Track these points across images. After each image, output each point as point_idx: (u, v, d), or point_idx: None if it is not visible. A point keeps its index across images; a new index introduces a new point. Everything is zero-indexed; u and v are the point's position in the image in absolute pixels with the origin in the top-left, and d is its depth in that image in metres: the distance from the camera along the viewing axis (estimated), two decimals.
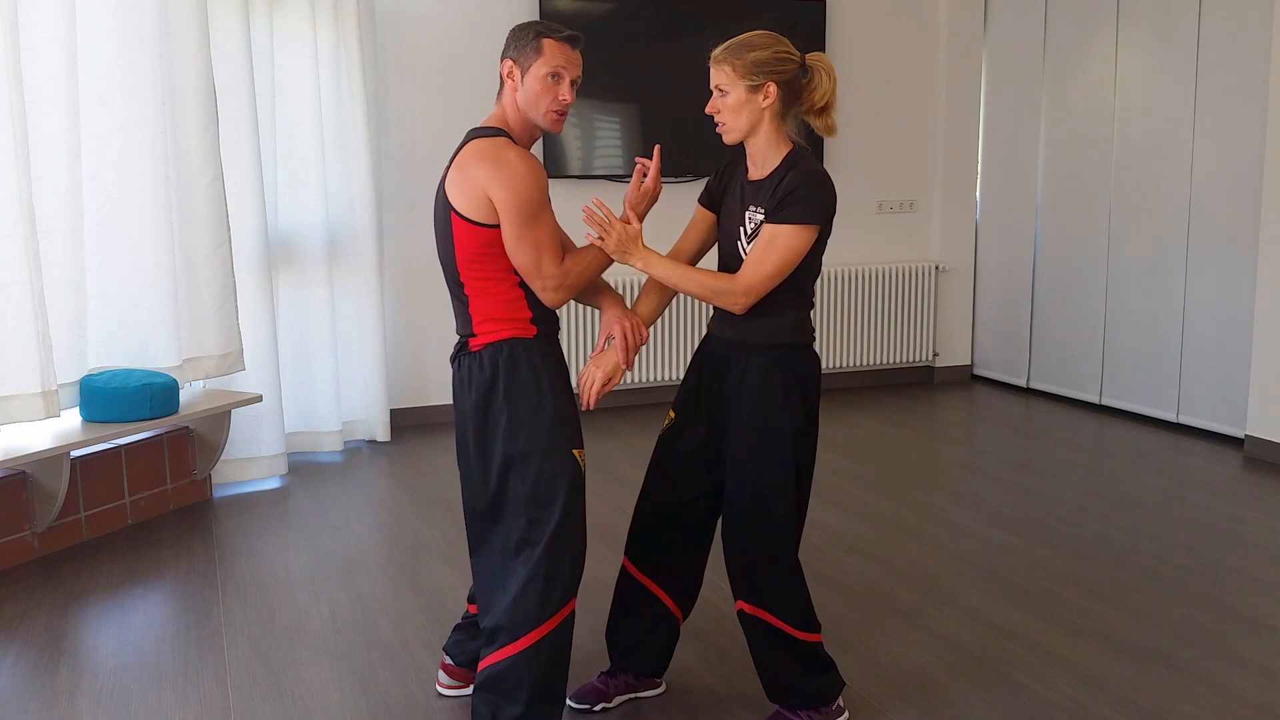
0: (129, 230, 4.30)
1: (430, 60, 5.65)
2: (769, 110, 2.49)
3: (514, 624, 2.43)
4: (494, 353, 2.46)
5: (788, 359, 2.52)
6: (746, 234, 2.51)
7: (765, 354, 2.52)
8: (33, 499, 3.91)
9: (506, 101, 2.54)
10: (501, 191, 2.37)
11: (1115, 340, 6.01)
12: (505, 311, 2.47)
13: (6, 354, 3.76)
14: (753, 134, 2.52)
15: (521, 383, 2.45)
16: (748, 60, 2.48)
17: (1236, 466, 5.01)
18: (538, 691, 2.43)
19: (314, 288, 5.21)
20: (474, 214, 2.40)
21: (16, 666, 3.08)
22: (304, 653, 3.15)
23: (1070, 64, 6.20)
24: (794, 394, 2.51)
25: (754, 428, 2.52)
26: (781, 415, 2.51)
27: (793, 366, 2.52)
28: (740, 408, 2.54)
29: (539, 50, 2.51)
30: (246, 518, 4.40)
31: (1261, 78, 5.08)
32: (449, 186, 2.45)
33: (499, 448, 2.45)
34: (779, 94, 2.48)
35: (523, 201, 2.38)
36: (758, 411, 2.52)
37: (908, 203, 6.81)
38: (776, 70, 2.47)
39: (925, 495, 4.60)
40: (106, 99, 4.21)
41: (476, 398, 2.48)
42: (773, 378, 2.51)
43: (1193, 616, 3.35)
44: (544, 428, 2.45)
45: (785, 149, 2.52)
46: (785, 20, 6.29)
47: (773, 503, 2.53)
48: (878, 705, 2.82)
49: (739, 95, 2.48)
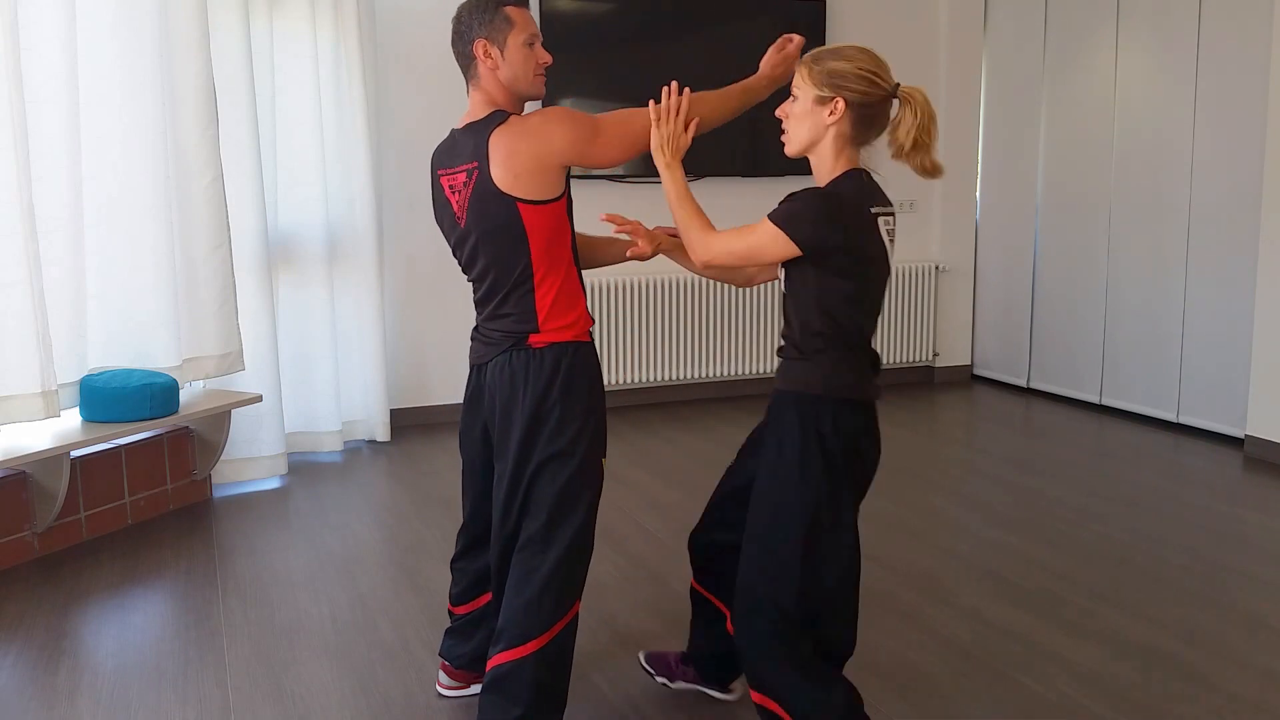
0: (129, 230, 4.31)
1: (430, 60, 5.65)
2: (835, 128, 2.29)
3: (526, 626, 2.42)
4: (559, 353, 2.46)
5: (811, 414, 2.26)
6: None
7: (792, 406, 2.29)
8: (33, 499, 3.91)
9: (488, 83, 2.48)
10: (561, 135, 2.40)
11: (1115, 340, 6.01)
12: (569, 310, 2.49)
13: (7, 354, 3.76)
14: (812, 150, 2.33)
15: (578, 385, 2.46)
16: (826, 68, 2.27)
17: (1236, 466, 5.01)
18: (541, 695, 2.42)
19: (314, 288, 5.21)
20: (540, 194, 2.40)
21: (16, 666, 3.08)
22: (304, 653, 3.15)
23: (1070, 64, 6.20)
24: (813, 459, 2.24)
25: (763, 494, 2.31)
26: (792, 487, 2.25)
27: (817, 424, 2.25)
28: (761, 463, 2.34)
29: (510, 21, 2.45)
30: (246, 518, 4.40)
31: (1261, 78, 5.08)
32: (504, 181, 2.38)
33: (540, 446, 2.45)
34: (848, 113, 2.27)
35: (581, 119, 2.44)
36: (770, 476, 2.30)
37: (908, 203, 6.81)
38: (853, 88, 2.25)
39: (925, 495, 4.60)
40: (106, 99, 4.21)
41: (532, 395, 2.45)
42: (790, 435, 2.27)
43: (1193, 616, 3.35)
44: (587, 432, 2.46)
45: (841, 170, 2.32)
46: (785, 20, 6.29)
47: (774, 588, 2.27)
48: (878, 705, 2.81)
49: (805, 103, 2.29)
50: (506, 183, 2.38)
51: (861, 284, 2.28)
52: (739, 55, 6.25)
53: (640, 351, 6.17)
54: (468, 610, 2.81)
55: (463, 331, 4.04)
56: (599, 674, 3.00)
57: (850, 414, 2.30)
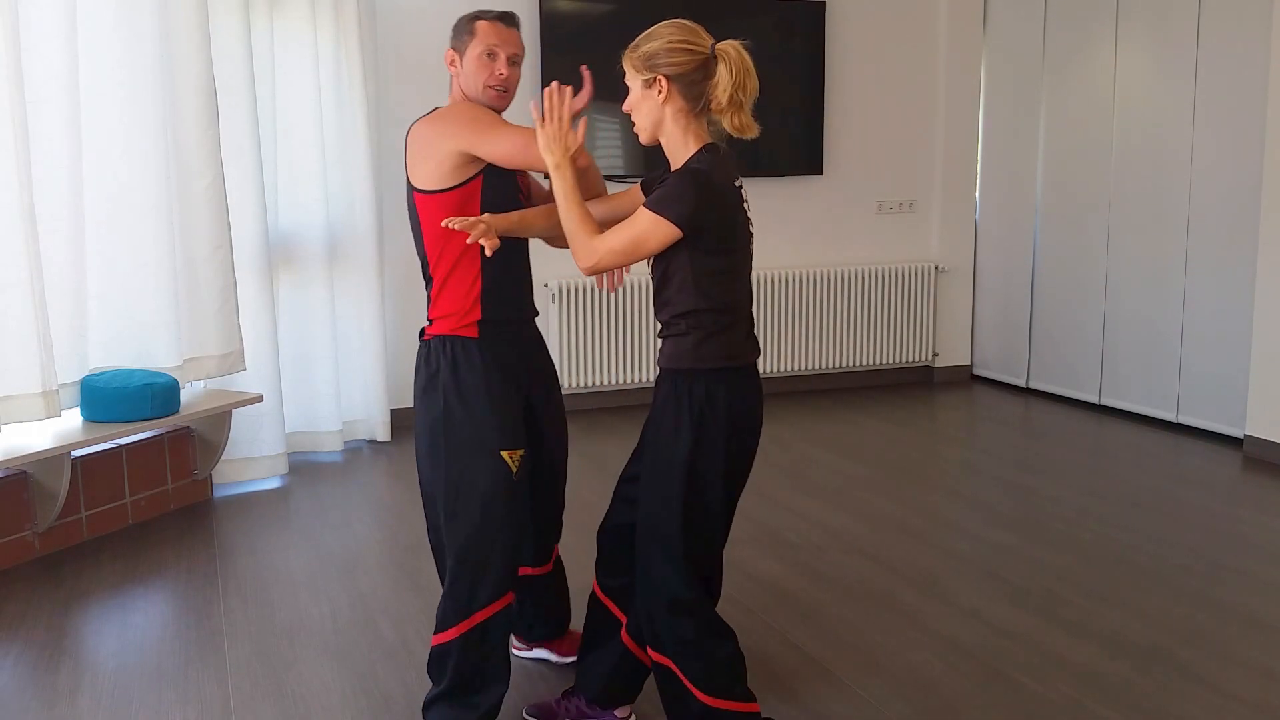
0: (130, 230, 4.31)
1: (431, 60, 5.64)
2: (669, 107, 2.29)
3: (443, 616, 2.54)
4: (438, 346, 2.56)
5: (684, 384, 2.34)
6: None
7: (668, 379, 2.37)
8: (34, 499, 3.91)
9: (453, 92, 2.64)
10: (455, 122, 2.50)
11: (1115, 340, 6.02)
12: (454, 301, 2.55)
13: (8, 354, 3.77)
14: (659, 133, 2.33)
15: (447, 380, 2.54)
16: (641, 53, 2.31)
17: (1236, 466, 5.02)
18: (458, 681, 2.53)
19: (314, 288, 5.21)
20: (433, 183, 2.50)
21: (17, 666, 3.09)
22: (304, 652, 3.15)
23: (1070, 64, 6.20)
24: (685, 421, 2.32)
25: (649, 458, 2.40)
26: (670, 445, 2.34)
27: (690, 392, 2.33)
28: (645, 435, 2.45)
29: (473, 32, 2.57)
30: (247, 517, 4.40)
31: (1261, 78, 5.08)
32: (409, 170, 2.55)
33: (425, 440, 2.61)
34: (674, 88, 2.27)
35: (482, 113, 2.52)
36: (652, 440, 2.39)
37: (907, 203, 6.81)
38: (669, 62, 2.26)
39: (925, 495, 4.60)
40: (107, 99, 4.22)
41: (418, 388, 2.59)
42: (667, 405, 2.36)
43: (1193, 616, 3.35)
44: (455, 427, 2.52)
45: (694, 148, 2.32)
46: (785, 20, 6.30)
47: (661, 542, 2.37)
48: (877, 705, 2.82)
49: (637, 92, 2.33)
50: (410, 171, 2.53)
51: (731, 258, 2.32)
52: None
53: (626, 352, 6.17)
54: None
55: None
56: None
57: (722, 381, 2.35)
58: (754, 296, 2.30)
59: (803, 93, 6.39)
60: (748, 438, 2.43)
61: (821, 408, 6.23)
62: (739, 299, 2.37)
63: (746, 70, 2.29)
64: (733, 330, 2.36)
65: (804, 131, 6.44)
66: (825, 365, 6.60)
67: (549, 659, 3.06)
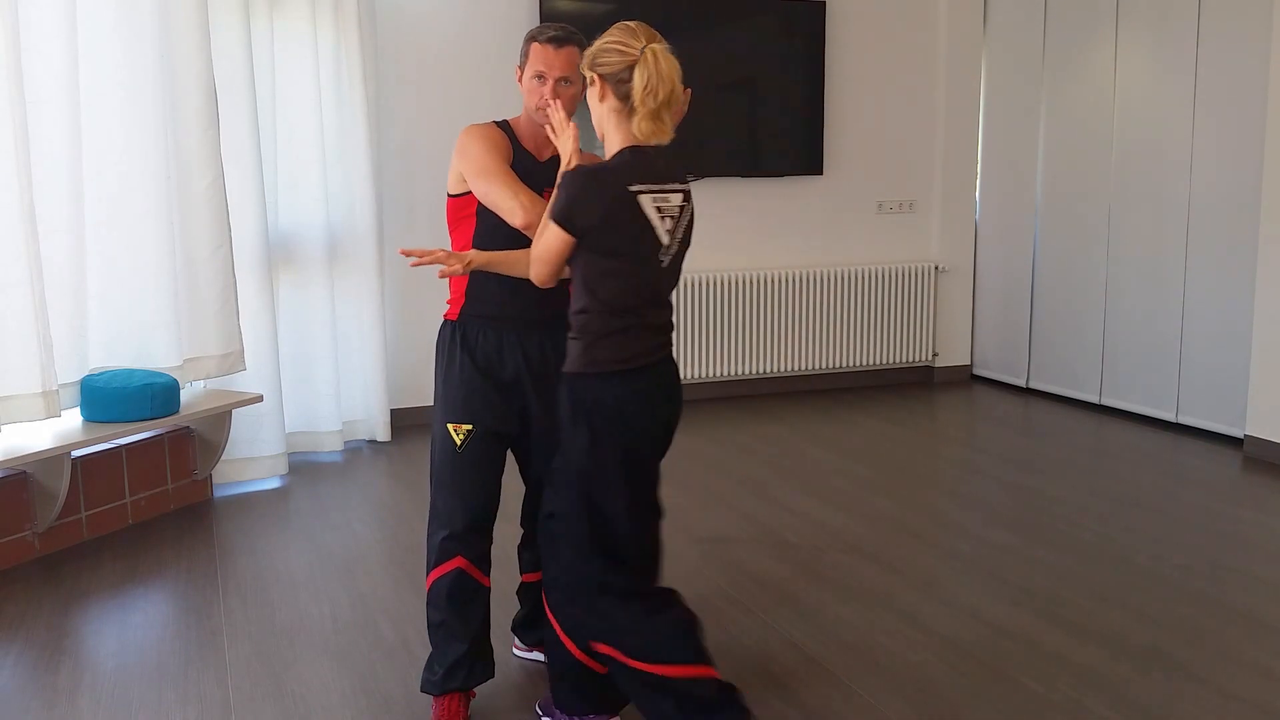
0: (130, 231, 4.31)
1: (431, 61, 5.65)
2: (604, 105, 2.34)
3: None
4: (441, 327, 2.77)
5: (577, 388, 2.40)
6: None
7: (563, 382, 2.45)
8: (34, 499, 3.91)
9: (524, 105, 2.71)
10: (459, 144, 2.65)
11: (1115, 340, 6.02)
12: (452, 290, 2.78)
13: (8, 354, 3.77)
14: (602, 130, 2.39)
15: (437, 357, 2.78)
16: (587, 52, 2.38)
17: (1236, 466, 5.02)
18: (432, 622, 2.74)
19: (314, 288, 5.21)
20: (451, 186, 2.70)
21: (17, 666, 3.09)
22: (304, 652, 3.15)
23: (1070, 64, 6.20)
24: (580, 425, 2.39)
25: (556, 460, 2.50)
26: (570, 448, 2.42)
27: (583, 397, 2.39)
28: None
29: (527, 54, 2.64)
30: (247, 517, 4.40)
31: (1261, 77, 5.08)
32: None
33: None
34: (607, 88, 2.32)
35: (474, 147, 2.61)
36: (561, 442, 2.48)
37: (907, 203, 6.82)
38: (604, 62, 2.31)
39: (925, 495, 4.60)
40: (107, 100, 4.22)
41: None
42: (564, 409, 2.44)
43: (1193, 616, 3.35)
44: (437, 402, 2.74)
45: (618, 148, 2.35)
46: (785, 20, 6.30)
47: (572, 542, 2.46)
48: (877, 705, 2.82)
49: (579, 90, 2.48)
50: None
51: (620, 261, 2.32)
52: (739, 56, 6.28)
53: None
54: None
55: None
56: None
57: (611, 385, 2.37)
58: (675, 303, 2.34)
59: (803, 93, 6.39)
60: (643, 439, 2.43)
61: (821, 408, 6.23)
62: (637, 304, 2.37)
63: (659, 76, 2.26)
64: (627, 334, 2.37)
65: (804, 131, 6.44)
66: (825, 365, 6.60)
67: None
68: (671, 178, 2.38)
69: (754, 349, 6.41)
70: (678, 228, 2.38)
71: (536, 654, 3.05)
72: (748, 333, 6.38)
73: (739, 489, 4.63)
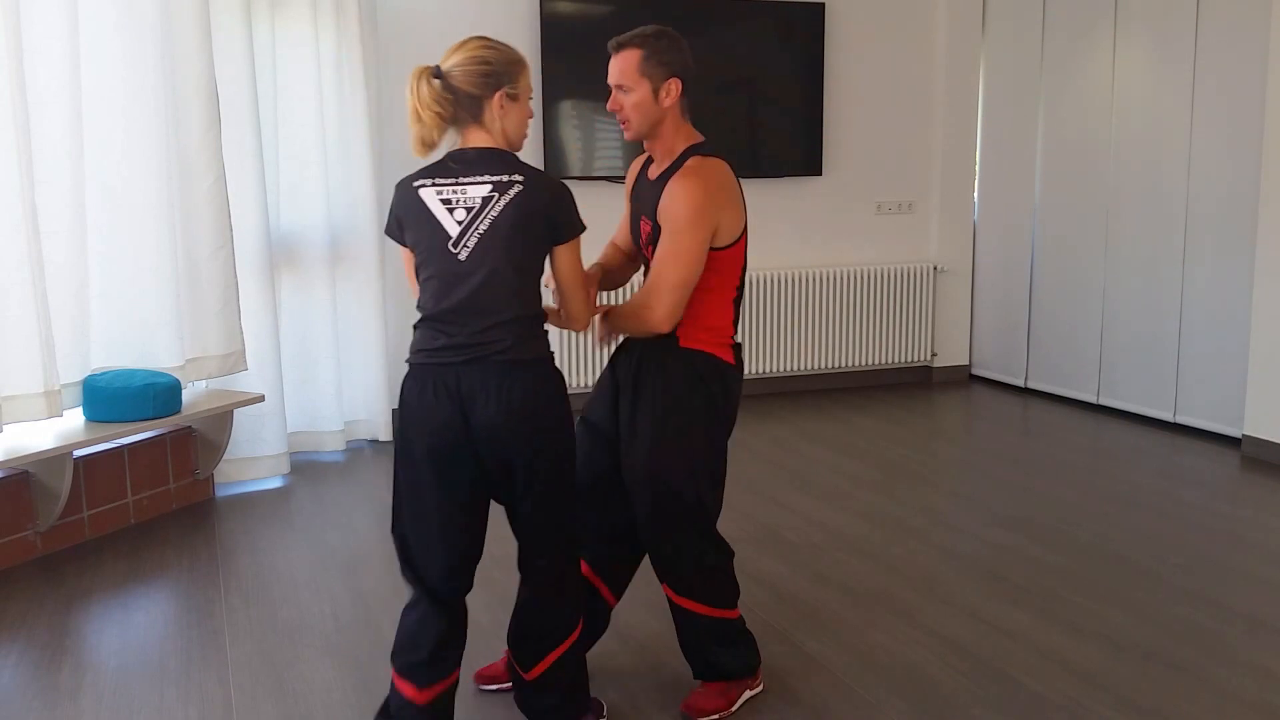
0: (132, 231, 4.31)
1: (431, 60, 5.65)
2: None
3: None
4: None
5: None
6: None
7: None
8: (36, 498, 3.92)
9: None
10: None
11: (1113, 340, 6.03)
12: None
13: (10, 354, 3.77)
14: None
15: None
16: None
17: (1234, 466, 5.03)
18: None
19: (316, 288, 5.22)
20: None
21: (19, 665, 3.09)
22: (306, 651, 3.16)
23: (1068, 64, 6.21)
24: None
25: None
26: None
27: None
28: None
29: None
30: (249, 517, 4.41)
31: (1259, 77, 5.09)
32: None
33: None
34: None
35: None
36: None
37: (906, 203, 6.82)
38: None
39: (925, 495, 4.61)
40: (109, 100, 4.22)
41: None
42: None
43: (1192, 616, 3.36)
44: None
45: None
46: (785, 20, 6.30)
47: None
48: (877, 705, 2.83)
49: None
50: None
51: (418, 253, 2.42)
52: (739, 57, 6.29)
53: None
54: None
55: None
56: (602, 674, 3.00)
57: (408, 374, 2.54)
58: (477, 298, 2.37)
59: (802, 93, 6.40)
60: (418, 434, 2.50)
61: (821, 408, 6.24)
62: (432, 302, 2.42)
63: (411, 89, 2.44)
64: (421, 327, 2.48)
65: (803, 132, 6.45)
66: (825, 365, 6.61)
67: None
68: (477, 172, 2.39)
69: (754, 349, 6.42)
70: (477, 219, 2.36)
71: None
72: (747, 333, 6.38)
73: (739, 489, 4.64)
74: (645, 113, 2.58)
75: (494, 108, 2.41)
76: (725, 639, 2.77)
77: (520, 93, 2.44)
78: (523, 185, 2.36)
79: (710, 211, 2.54)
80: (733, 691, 2.79)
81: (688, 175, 2.56)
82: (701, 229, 2.53)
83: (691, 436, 2.63)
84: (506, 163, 2.40)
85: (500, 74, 2.41)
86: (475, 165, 2.39)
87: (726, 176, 2.60)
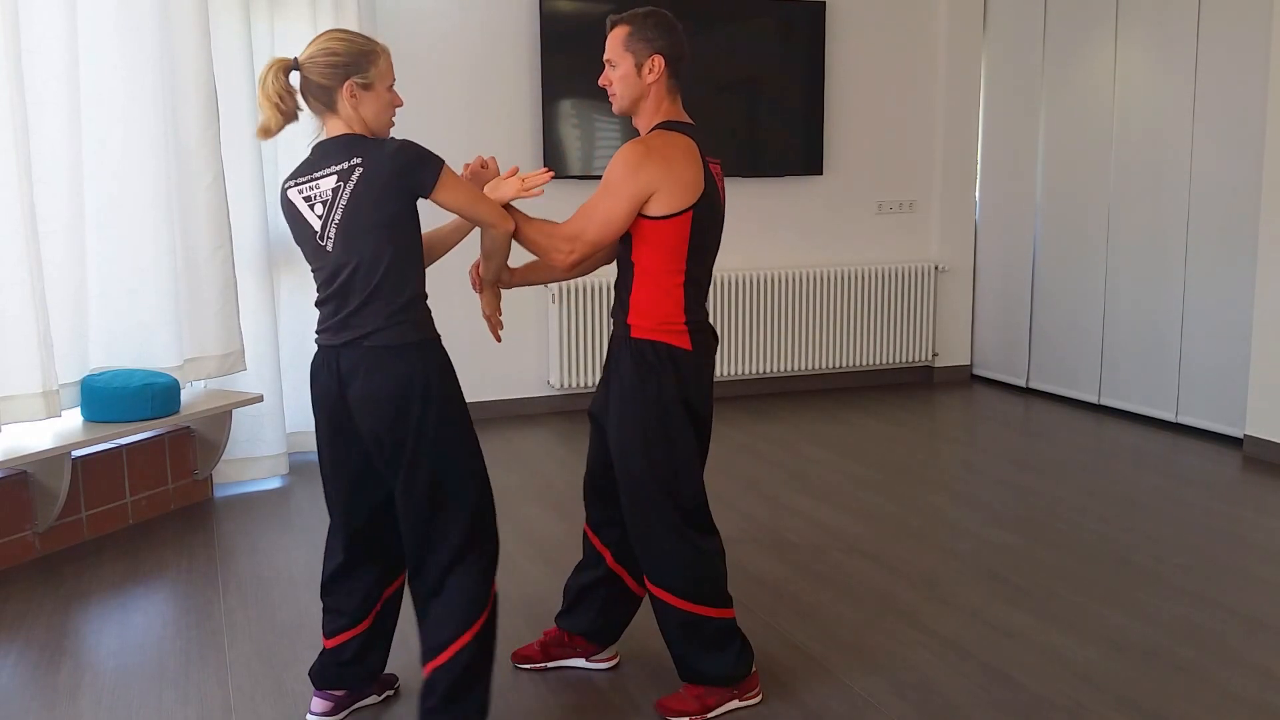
0: (130, 230, 4.31)
1: (432, 60, 5.65)
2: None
3: None
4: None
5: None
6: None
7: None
8: (34, 499, 3.91)
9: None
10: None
11: (1114, 340, 6.02)
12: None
13: (8, 354, 3.77)
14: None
15: None
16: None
17: (1235, 466, 5.02)
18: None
19: (315, 288, 5.20)
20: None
21: (18, 666, 3.09)
22: (305, 651, 3.15)
23: (1070, 64, 6.20)
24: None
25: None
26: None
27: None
28: None
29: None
30: (248, 517, 4.40)
31: (1261, 77, 5.08)
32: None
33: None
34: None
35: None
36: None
37: (907, 203, 6.82)
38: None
39: (925, 495, 4.61)
40: (108, 100, 4.22)
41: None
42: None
43: (1192, 616, 3.36)
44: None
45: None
46: (785, 20, 6.30)
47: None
48: (877, 705, 2.82)
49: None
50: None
51: (302, 251, 2.57)
52: (740, 57, 6.29)
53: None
54: None
55: (462, 329, 4.04)
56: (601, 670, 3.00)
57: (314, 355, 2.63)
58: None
59: (803, 93, 6.39)
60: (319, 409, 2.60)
61: (821, 408, 6.23)
62: (321, 288, 2.55)
63: (261, 81, 2.49)
64: (320, 309, 2.57)
65: (804, 131, 6.44)
66: (825, 365, 6.60)
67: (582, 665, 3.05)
68: (327, 164, 2.46)
69: (754, 349, 6.41)
70: (332, 210, 2.44)
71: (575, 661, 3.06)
72: (747, 333, 6.38)
73: (739, 489, 4.64)
74: (629, 86, 2.64)
75: (345, 97, 2.46)
76: (703, 638, 2.71)
77: (373, 81, 2.49)
78: (362, 165, 2.42)
79: (643, 174, 2.53)
80: (710, 698, 2.74)
81: (633, 140, 2.61)
82: (629, 186, 2.54)
83: (645, 427, 2.64)
84: (350, 148, 2.45)
85: (349, 64, 2.47)
86: (327, 156, 2.47)
87: (676, 149, 2.58)
